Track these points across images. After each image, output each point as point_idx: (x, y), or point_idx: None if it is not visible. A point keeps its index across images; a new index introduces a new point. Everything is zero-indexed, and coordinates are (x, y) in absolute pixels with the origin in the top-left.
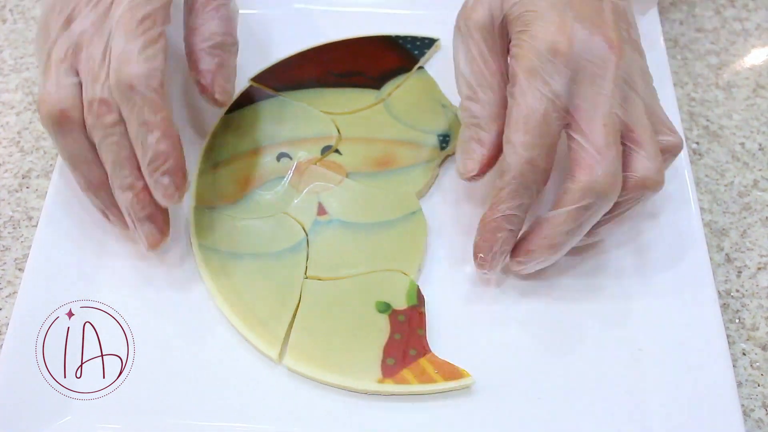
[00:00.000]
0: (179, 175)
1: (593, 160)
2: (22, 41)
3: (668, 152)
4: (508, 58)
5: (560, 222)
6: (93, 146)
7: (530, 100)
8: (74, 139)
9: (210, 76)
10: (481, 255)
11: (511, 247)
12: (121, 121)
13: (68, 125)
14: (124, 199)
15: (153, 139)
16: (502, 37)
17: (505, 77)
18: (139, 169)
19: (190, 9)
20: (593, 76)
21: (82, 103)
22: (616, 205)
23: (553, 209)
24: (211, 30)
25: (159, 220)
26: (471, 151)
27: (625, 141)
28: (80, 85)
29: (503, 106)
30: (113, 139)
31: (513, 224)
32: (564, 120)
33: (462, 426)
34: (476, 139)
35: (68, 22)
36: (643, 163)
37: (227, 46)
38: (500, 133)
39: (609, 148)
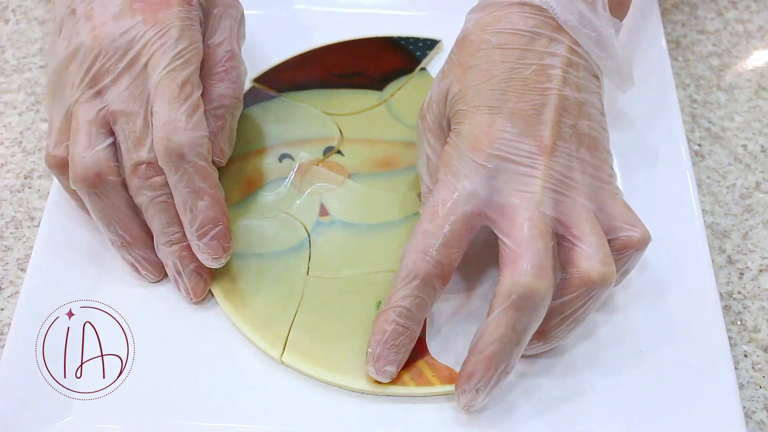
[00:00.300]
0: (226, 238)
1: (515, 255)
2: (25, 41)
3: (629, 248)
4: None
5: (492, 329)
6: (130, 205)
7: (441, 193)
8: (111, 199)
9: (211, 139)
10: (369, 350)
11: (405, 347)
12: (167, 182)
13: (105, 186)
14: (172, 253)
15: (203, 206)
16: (444, 128)
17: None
18: (182, 226)
19: (202, 62)
20: (518, 176)
21: (117, 165)
22: (564, 305)
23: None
24: (219, 92)
25: (204, 271)
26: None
27: (563, 238)
28: (114, 146)
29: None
30: (162, 198)
31: (404, 318)
32: (481, 220)
33: (459, 428)
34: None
35: (95, 80)
36: (584, 257)
37: (232, 108)
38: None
39: (533, 242)
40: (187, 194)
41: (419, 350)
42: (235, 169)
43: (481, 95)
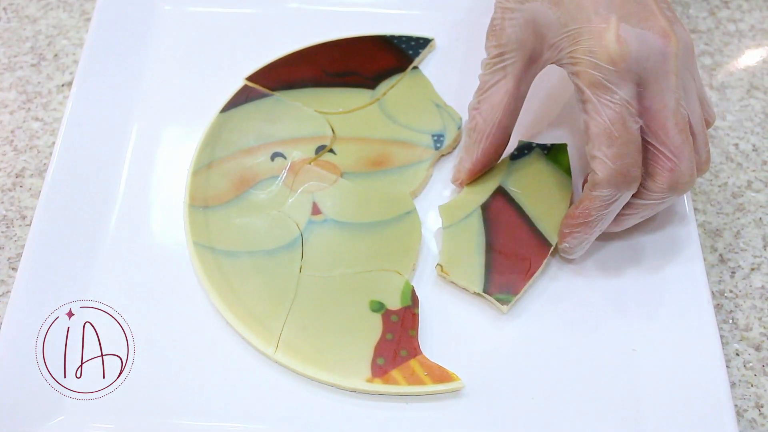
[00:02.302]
0: None
1: (672, 163)
2: (16, 39)
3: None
4: (569, 76)
5: (635, 212)
6: None
7: (607, 113)
8: None
9: None
10: (567, 245)
11: (593, 239)
12: None
13: None
14: None
15: None
16: (524, 59)
17: (516, 100)
18: None
19: None
20: (656, 74)
21: None
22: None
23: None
24: None
25: None
26: (461, 162)
27: None
28: None
29: (498, 126)
30: None
31: (601, 225)
32: (639, 122)
33: (452, 428)
34: (466, 148)
35: None
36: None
37: None
38: (485, 151)
39: (684, 146)
40: None
41: (411, 350)
42: (228, 168)
43: (585, 8)
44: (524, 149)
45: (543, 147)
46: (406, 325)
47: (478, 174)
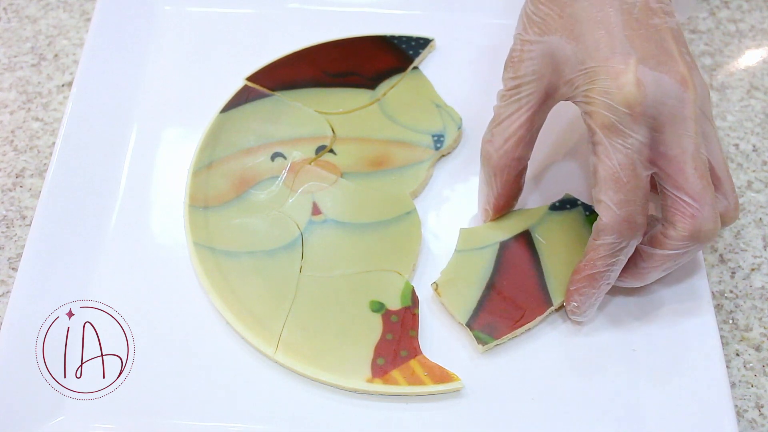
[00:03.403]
0: None
1: (693, 209)
2: (16, 40)
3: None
4: (582, 115)
5: (657, 264)
6: None
7: (617, 158)
8: None
9: None
10: (575, 304)
11: (601, 298)
12: None
13: None
14: None
15: None
16: (541, 93)
17: (528, 132)
18: None
19: None
20: (673, 120)
21: None
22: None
23: (652, 247)
24: None
25: None
26: (484, 196)
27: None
28: None
29: (514, 158)
30: None
31: (608, 279)
32: (650, 169)
33: (452, 428)
34: (487, 182)
35: None
36: (721, 203)
37: None
38: (505, 183)
39: (706, 192)
40: None
41: (411, 350)
42: (228, 168)
43: (604, 46)
44: (567, 203)
45: (587, 207)
46: (407, 325)
47: (506, 208)
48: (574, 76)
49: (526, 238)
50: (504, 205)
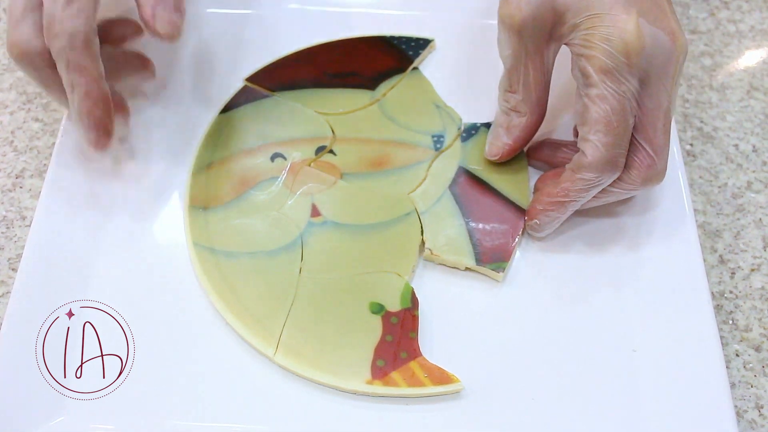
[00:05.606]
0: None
1: (651, 160)
2: None
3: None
4: (575, 57)
5: (601, 198)
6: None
7: (610, 102)
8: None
9: (150, 9)
10: (537, 222)
11: (563, 221)
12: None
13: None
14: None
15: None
16: (545, 35)
17: (545, 75)
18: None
19: None
20: (659, 75)
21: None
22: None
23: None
24: None
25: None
26: (498, 137)
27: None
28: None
29: (537, 103)
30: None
31: (575, 207)
32: (634, 116)
33: (452, 429)
34: (505, 126)
35: None
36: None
37: None
38: (527, 127)
39: (665, 146)
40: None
41: (411, 351)
42: (227, 169)
43: None
44: (471, 130)
45: (487, 125)
46: (406, 326)
47: (517, 151)
48: (576, 21)
49: (464, 173)
50: (519, 148)
